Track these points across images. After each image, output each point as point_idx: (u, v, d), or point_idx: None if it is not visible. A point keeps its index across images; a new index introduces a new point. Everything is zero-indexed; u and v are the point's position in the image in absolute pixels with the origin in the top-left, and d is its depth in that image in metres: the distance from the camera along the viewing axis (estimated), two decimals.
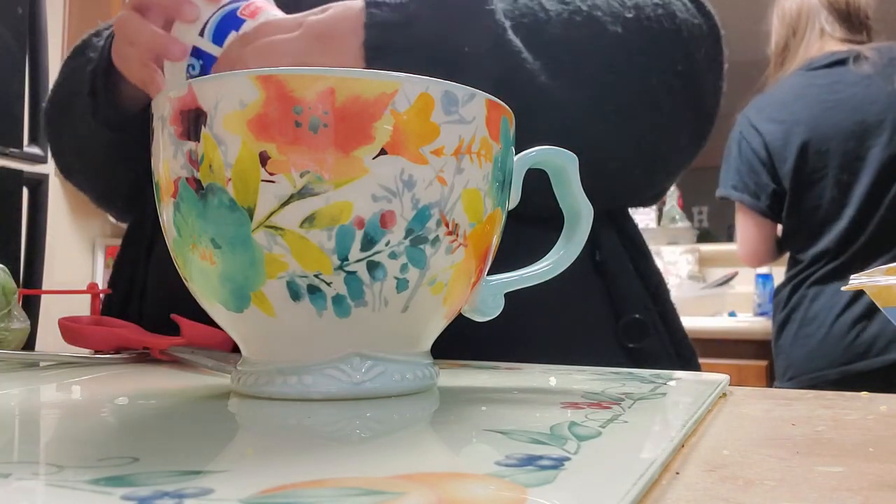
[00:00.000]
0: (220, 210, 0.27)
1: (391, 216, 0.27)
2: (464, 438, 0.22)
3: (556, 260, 0.35)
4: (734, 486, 0.19)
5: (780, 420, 0.29)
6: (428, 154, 0.27)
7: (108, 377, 0.36)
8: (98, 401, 0.29)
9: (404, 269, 0.28)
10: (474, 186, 0.28)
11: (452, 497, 0.16)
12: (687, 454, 0.23)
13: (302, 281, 0.27)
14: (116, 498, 0.15)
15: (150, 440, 0.22)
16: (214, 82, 0.27)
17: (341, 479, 0.17)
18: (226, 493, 0.16)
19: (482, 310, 0.33)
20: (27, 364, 0.42)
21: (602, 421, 0.25)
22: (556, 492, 0.16)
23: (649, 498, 0.18)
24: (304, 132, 0.26)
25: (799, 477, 0.20)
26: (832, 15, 1.35)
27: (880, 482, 0.20)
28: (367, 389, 0.29)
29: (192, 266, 0.29)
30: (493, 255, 0.32)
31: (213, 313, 0.30)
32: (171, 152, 0.28)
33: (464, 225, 0.28)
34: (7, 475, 0.17)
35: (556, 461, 0.19)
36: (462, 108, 0.28)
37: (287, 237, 0.26)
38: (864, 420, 0.30)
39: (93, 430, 0.23)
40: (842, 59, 1.29)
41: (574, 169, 0.34)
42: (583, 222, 0.35)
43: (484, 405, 0.28)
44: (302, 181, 0.26)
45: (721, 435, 0.26)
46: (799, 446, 0.24)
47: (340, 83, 0.26)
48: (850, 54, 1.29)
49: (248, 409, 0.28)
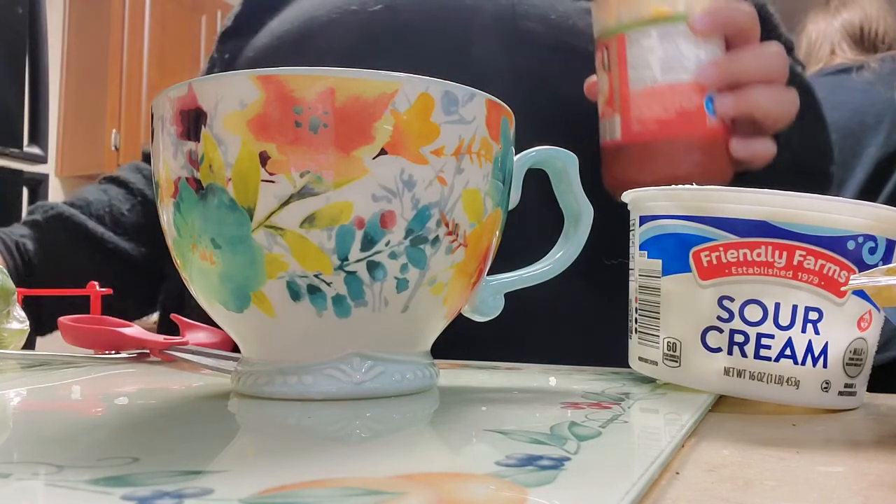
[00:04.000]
0: (220, 210, 0.27)
1: (391, 216, 0.27)
2: (464, 438, 0.22)
3: (556, 260, 0.35)
4: (734, 486, 0.19)
5: (780, 420, 0.29)
6: (428, 154, 0.27)
7: (108, 377, 0.36)
8: (98, 401, 0.29)
9: (404, 269, 0.28)
10: (474, 186, 0.28)
11: (452, 497, 0.16)
12: (687, 454, 0.23)
13: (302, 281, 0.27)
14: (116, 498, 0.15)
15: (150, 440, 0.22)
16: (214, 82, 0.27)
17: (341, 479, 0.17)
18: (226, 493, 0.16)
19: (482, 310, 0.33)
20: (27, 364, 0.42)
21: (602, 421, 0.25)
22: (556, 492, 0.16)
23: (649, 498, 0.18)
24: (304, 132, 0.26)
25: (799, 477, 0.20)
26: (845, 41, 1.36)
27: (880, 482, 0.20)
28: (367, 389, 0.29)
29: (192, 266, 0.29)
30: (493, 255, 0.32)
31: (213, 313, 0.30)
32: (171, 152, 0.28)
33: (464, 225, 0.28)
34: (7, 475, 0.17)
35: (556, 461, 0.19)
36: (462, 108, 0.28)
37: (287, 237, 0.26)
38: (865, 420, 0.30)
39: (93, 430, 0.23)
40: (847, 69, 1.30)
41: (574, 169, 0.34)
42: (583, 222, 0.35)
43: (484, 405, 0.28)
44: (302, 181, 0.26)
45: (721, 435, 0.26)
46: (799, 446, 0.24)
47: (340, 83, 0.26)
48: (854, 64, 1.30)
49: (248, 409, 0.28)
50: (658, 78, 0.45)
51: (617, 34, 0.46)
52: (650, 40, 0.44)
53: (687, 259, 0.31)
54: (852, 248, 0.30)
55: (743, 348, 0.30)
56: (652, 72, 0.45)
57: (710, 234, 0.31)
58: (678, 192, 0.32)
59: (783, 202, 0.30)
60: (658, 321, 0.33)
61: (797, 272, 0.30)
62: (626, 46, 0.45)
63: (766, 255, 0.30)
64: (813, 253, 0.29)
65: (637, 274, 0.35)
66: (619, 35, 0.45)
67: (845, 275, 0.30)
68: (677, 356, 0.32)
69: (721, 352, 0.31)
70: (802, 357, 0.30)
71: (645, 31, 0.45)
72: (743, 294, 0.30)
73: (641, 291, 0.34)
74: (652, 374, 0.34)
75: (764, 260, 0.30)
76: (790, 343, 0.30)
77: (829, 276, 0.30)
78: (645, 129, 0.45)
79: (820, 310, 0.30)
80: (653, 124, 0.45)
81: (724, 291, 0.31)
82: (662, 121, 0.45)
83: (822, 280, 0.30)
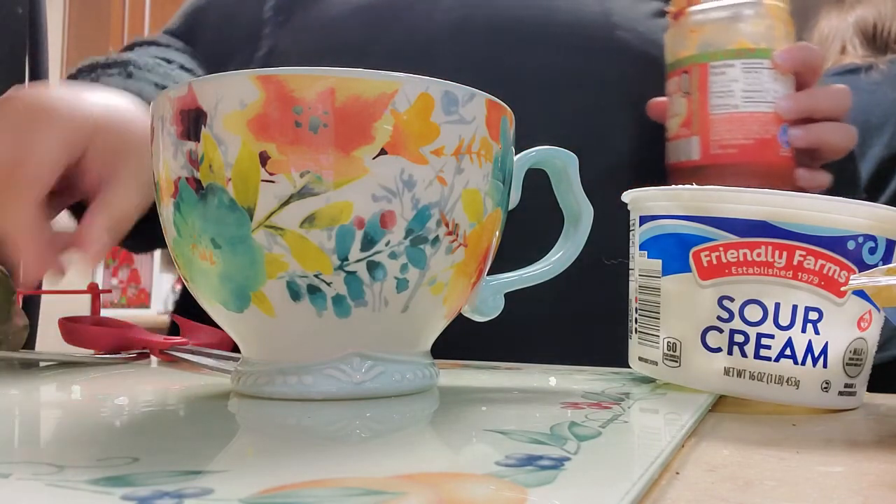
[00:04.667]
0: (220, 210, 0.27)
1: (391, 216, 0.27)
2: (464, 438, 0.22)
3: (556, 260, 0.35)
4: (734, 486, 0.19)
5: (780, 420, 0.29)
6: (428, 154, 0.27)
7: (108, 377, 0.36)
8: (98, 401, 0.29)
9: (404, 269, 0.28)
10: (474, 186, 0.28)
11: (452, 497, 0.16)
12: (687, 454, 0.23)
13: (302, 281, 0.27)
14: (116, 498, 0.15)
15: (150, 440, 0.22)
16: (214, 82, 0.27)
17: (341, 479, 0.17)
18: (226, 493, 0.16)
19: (482, 310, 0.33)
20: (27, 364, 0.42)
21: (602, 421, 0.25)
22: (556, 492, 0.16)
23: (649, 498, 0.18)
24: (304, 132, 0.26)
25: (799, 477, 0.20)
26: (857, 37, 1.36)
27: (880, 482, 0.20)
28: (367, 389, 0.29)
29: (192, 266, 0.29)
30: (493, 255, 0.32)
31: (213, 313, 0.30)
32: (171, 152, 0.28)
33: (464, 225, 0.28)
34: (7, 475, 0.17)
35: (556, 461, 0.19)
36: (462, 108, 0.28)
37: (287, 237, 0.26)
38: (865, 420, 0.30)
39: (93, 430, 0.23)
40: (855, 69, 1.30)
41: (574, 169, 0.34)
42: (583, 222, 0.35)
43: (484, 405, 0.28)
44: (302, 181, 0.26)
45: (721, 435, 0.26)
46: (799, 446, 0.24)
47: (340, 83, 0.26)
48: (864, 65, 1.30)
49: (248, 409, 0.28)
50: (739, 106, 0.48)
51: (700, 63, 0.49)
52: (734, 70, 0.48)
53: (687, 259, 0.31)
54: (852, 248, 0.30)
55: (743, 348, 0.30)
56: (734, 100, 0.48)
57: (710, 234, 0.31)
58: (678, 192, 0.32)
59: (783, 202, 0.30)
60: (658, 321, 0.33)
61: (797, 272, 0.30)
62: (710, 74, 0.49)
63: (766, 255, 0.30)
64: (813, 253, 0.29)
65: (637, 274, 0.35)
66: (703, 64, 0.49)
67: (845, 275, 0.30)
68: (677, 356, 0.32)
69: (721, 352, 0.31)
70: (802, 357, 0.30)
71: (729, 63, 0.48)
72: (743, 294, 0.30)
73: (641, 291, 0.34)
74: (652, 374, 0.34)
75: (764, 260, 0.30)
76: (790, 343, 0.30)
77: (829, 276, 0.30)
78: (724, 152, 0.49)
79: (820, 310, 0.30)
80: (732, 148, 0.48)
81: (724, 291, 0.31)
82: (741, 146, 0.48)
83: (822, 280, 0.30)
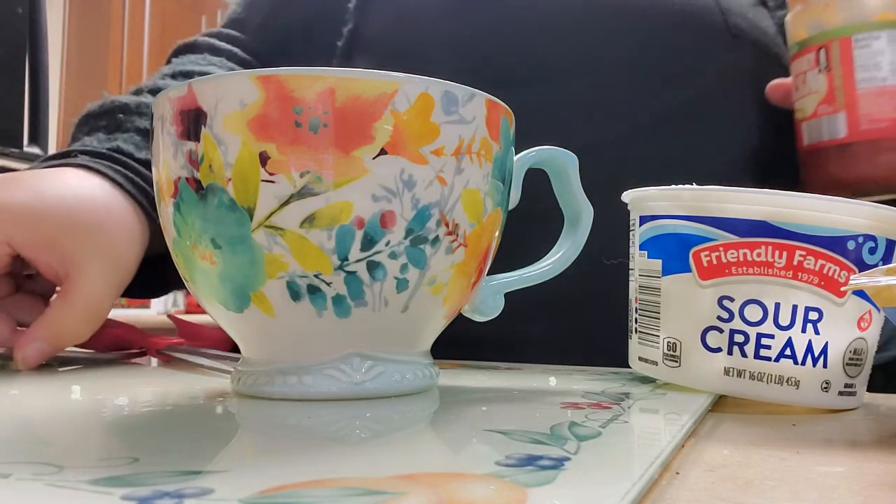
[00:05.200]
0: (220, 210, 0.27)
1: (391, 216, 0.27)
2: (464, 438, 0.22)
3: (556, 260, 0.35)
4: (734, 486, 0.19)
5: (780, 420, 0.29)
6: (428, 154, 0.27)
7: (107, 377, 0.36)
8: (98, 401, 0.29)
9: (404, 269, 0.28)
10: (474, 186, 0.28)
11: (452, 497, 0.16)
12: (687, 454, 0.23)
13: (302, 281, 0.27)
14: (116, 498, 0.15)
15: (150, 440, 0.22)
16: (214, 82, 0.27)
17: (341, 479, 0.17)
18: (226, 493, 0.16)
19: (482, 310, 0.33)
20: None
21: (602, 421, 0.25)
22: (556, 492, 0.16)
23: (649, 498, 0.18)
24: (304, 132, 0.26)
25: (799, 477, 0.20)
26: None
27: (880, 482, 0.20)
28: (367, 389, 0.29)
29: (192, 266, 0.29)
30: (494, 255, 0.32)
31: (213, 313, 0.30)
32: (171, 152, 0.28)
33: (464, 225, 0.28)
34: (7, 475, 0.17)
35: (556, 461, 0.19)
36: (462, 108, 0.28)
37: (287, 237, 0.26)
38: (865, 420, 0.30)
39: (93, 430, 0.23)
40: None
41: (574, 169, 0.34)
42: (583, 222, 0.35)
43: (484, 405, 0.28)
44: (302, 181, 0.26)
45: (721, 435, 0.26)
46: (799, 446, 0.24)
47: (340, 83, 0.26)
48: None
49: (248, 409, 0.28)
50: (888, 79, 0.47)
51: (840, 37, 0.48)
52: (880, 42, 0.47)
53: (687, 259, 0.31)
54: (852, 248, 0.30)
55: (743, 348, 0.30)
56: (882, 73, 0.47)
57: (710, 234, 0.31)
58: (678, 191, 0.32)
59: (783, 202, 0.30)
60: (658, 321, 0.33)
61: (797, 272, 0.30)
62: (854, 48, 0.48)
63: (766, 255, 0.30)
64: (813, 253, 0.29)
65: (637, 274, 0.35)
66: (846, 37, 0.48)
67: (845, 275, 0.30)
68: (677, 356, 0.32)
69: (721, 352, 0.31)
70: (802, 357, 0.30)
71: (874, 35, 0.47)
72: (743, 294, 0.30)
73: (641, 291, 0.34)
74: (652, 374, 0.34)
75: (764, 260, 0.30)
76: (790, 343, 0.30)
77: (829, 276, 0.30)
78: (875, 126, 0.48)
79: (820, 310, 0.30)
80: (884, 122, 0.47)
81: (724, 291, 0.31)
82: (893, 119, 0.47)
83: (822, 280, 0.30)
